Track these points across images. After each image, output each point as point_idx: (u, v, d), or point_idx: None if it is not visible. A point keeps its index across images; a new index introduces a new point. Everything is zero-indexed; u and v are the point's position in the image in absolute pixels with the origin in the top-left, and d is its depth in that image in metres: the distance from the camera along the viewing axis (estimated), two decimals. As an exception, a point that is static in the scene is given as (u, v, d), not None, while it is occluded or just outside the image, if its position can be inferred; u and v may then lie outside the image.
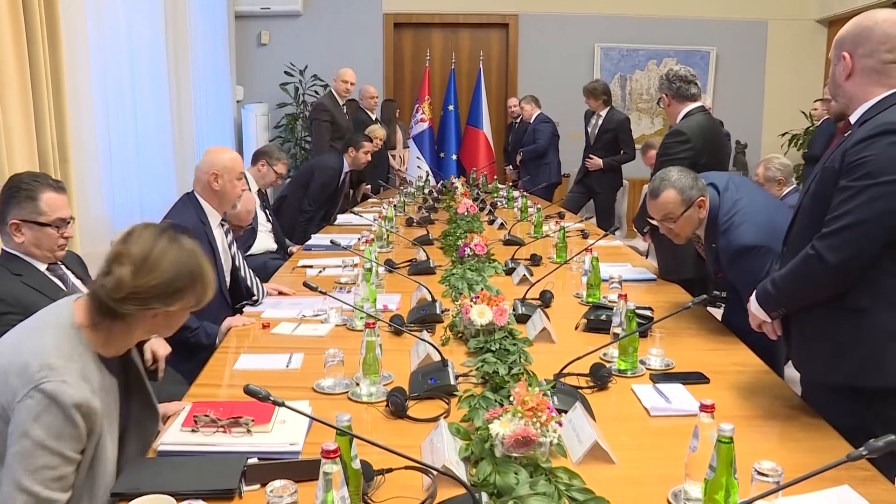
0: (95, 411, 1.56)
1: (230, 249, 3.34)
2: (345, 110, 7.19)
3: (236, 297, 3.38)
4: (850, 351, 1.96)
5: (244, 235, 4.53)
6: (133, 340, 1.77)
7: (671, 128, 3.75)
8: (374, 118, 7.68)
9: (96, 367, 1.65)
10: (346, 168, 6.10)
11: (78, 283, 2.58)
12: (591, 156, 7.02)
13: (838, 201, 1.93)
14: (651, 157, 5.54)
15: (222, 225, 3.31)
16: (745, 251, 2.65)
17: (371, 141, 6.31)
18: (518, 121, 8.33)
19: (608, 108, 7.07)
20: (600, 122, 7.06)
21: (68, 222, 2.46)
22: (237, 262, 3.38)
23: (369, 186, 7.59)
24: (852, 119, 2.04)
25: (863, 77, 2.00)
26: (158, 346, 2.63)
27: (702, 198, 2.80)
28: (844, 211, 1.91)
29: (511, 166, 8.53)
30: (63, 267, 2.57)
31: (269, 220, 5.07)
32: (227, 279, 3.33)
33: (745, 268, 2.63)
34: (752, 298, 2.21)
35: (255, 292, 3.34)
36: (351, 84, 7.16)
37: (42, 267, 2.47)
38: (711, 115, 3.94)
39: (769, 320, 2.18)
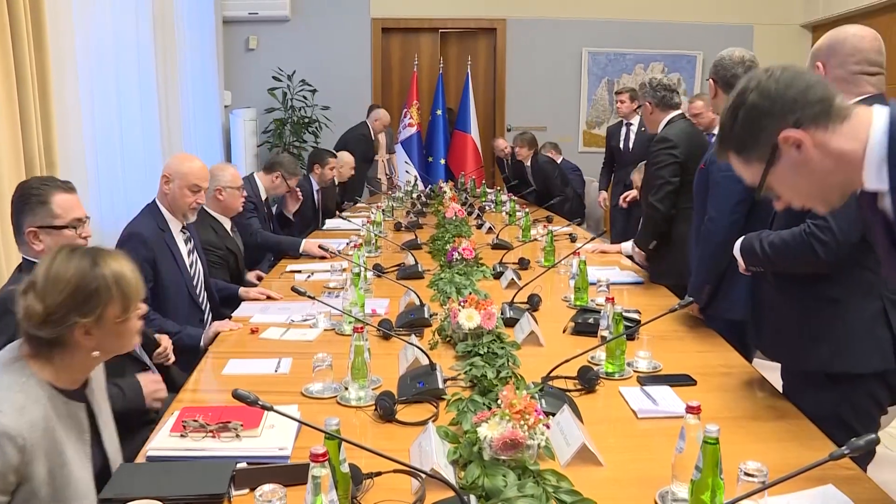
0: (27, 441, 1.54)
1: (191, 256, 3.33)
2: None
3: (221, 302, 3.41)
4: (823, 338, 2.11)
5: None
6: (87, 365, 1.74)
7: (654, 135, 3.77)
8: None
9: (47, 395, 1.64)
10: (315, 186, 6.02)
11: None
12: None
13: None
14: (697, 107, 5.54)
15: (183, 232, 3.30)
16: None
17: (335, 157, 6.28)
18: (509, 160, 8.30)
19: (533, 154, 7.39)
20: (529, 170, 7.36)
21: (84, 221, 2.41)
22: (205, 269, 3.40)
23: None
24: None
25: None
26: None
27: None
28: None
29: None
30: None
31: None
32: (199, 284, 3.33)
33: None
34: (737, 245, 2.38)
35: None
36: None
37: None
38: (692, 122, 3.98)
39: (744, 269, 2.36)
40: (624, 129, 6.81)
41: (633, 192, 5.35)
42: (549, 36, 9.00)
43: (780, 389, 2.31)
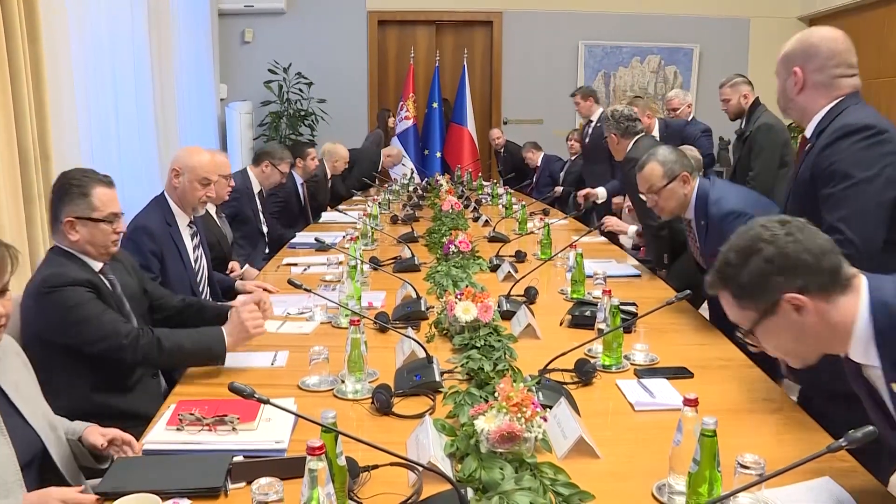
0: None
1: (196, 251, 3.33)
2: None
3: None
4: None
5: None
6: None
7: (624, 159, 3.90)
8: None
9: None
10: (299, 180, 5.90)
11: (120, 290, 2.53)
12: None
13: (827, 209, 2.04)
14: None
15: (190, 227, 3.30)
16: (731, 215, 2.75)
17: (313, 146, 6.20)
18: (503, 152, 8.33)
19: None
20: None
21: (119, 216, 2.43)
22: (209, 263, 3.40)
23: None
24: (808, 131, 2.22)
25: (814, 90, 2.21)
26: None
27: (685, 173, 2.95)
28: (838, 217, 2.02)
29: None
30: (111, 273, 2.51)
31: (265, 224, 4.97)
32: (203, 280, 3.33)
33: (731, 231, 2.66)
34: None
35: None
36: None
37: (96, 267, 2.42)
38: (653, 137, 4.13)
39: None
40: (589, 129, 6.79)
41: (586, 191, 5.57)
42: (546, 28, 8.98)
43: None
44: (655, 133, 5.74)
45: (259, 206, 4.93)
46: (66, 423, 1.97)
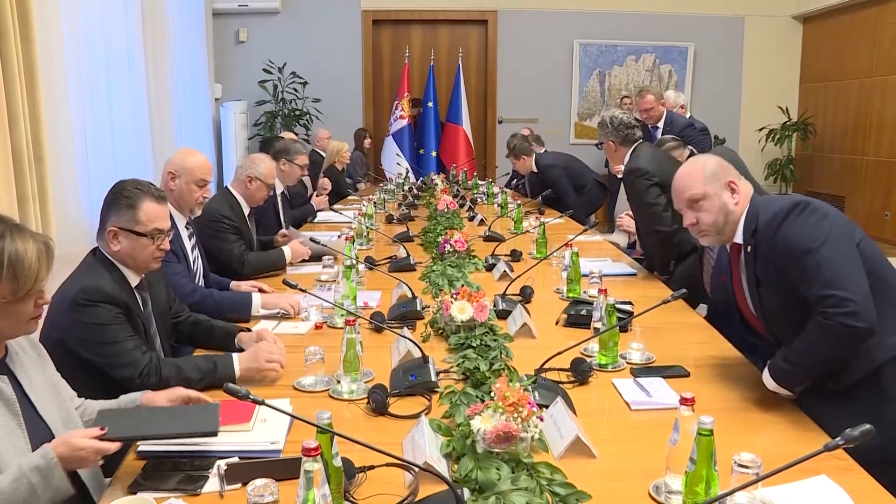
0: None
1: (193, 252, 3.32)
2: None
3: None
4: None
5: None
6: None
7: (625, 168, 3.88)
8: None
9: None
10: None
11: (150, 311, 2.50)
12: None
13: (807, 285, 2.02)
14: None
15: (187, 227, 3.29)
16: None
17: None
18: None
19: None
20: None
21: (164, 233, 2.40)
22: (205, 264, 3.40)
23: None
24: (739, 237, 2.23)
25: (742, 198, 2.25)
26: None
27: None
28: (822, 284, 1.99)
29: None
30: (146, 289, 2.49)
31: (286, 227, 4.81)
32: (200, 278, 3.33)
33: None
34: (768, 378, 2.15)
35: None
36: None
37: (133, 281, 2.39)
38: (649, 145, 4.11)
39: (793, 394, 2.13)
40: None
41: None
42: (541, 27, 8.98)
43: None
44: (660, 123, 5.75)
45: (280, 208, 4.87)
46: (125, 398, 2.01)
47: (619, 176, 4.13)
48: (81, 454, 1.59)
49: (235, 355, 2.35)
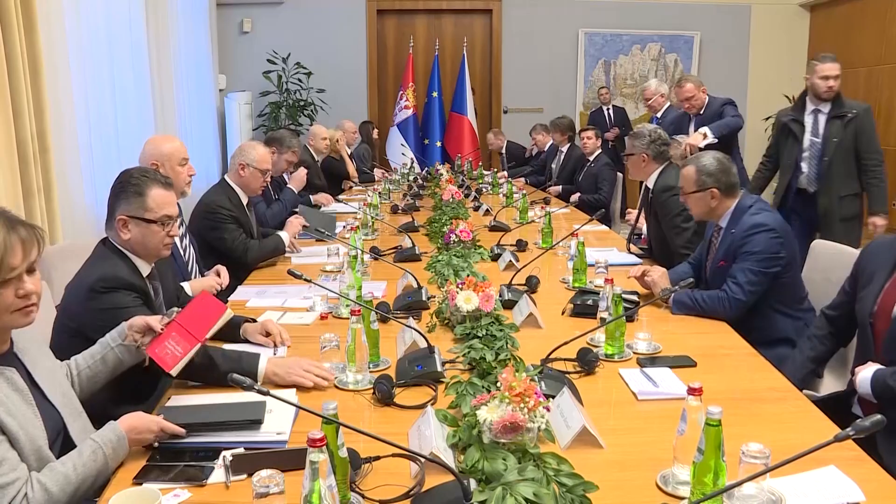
0: None
1: (184, 240, 3.35)
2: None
3: None
4: None
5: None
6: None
7: (657, 184, 3.89)
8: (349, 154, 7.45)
9: None
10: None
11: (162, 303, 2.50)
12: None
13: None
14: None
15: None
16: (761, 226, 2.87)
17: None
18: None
19: (570, 144, 7.16)
20: (561, 157, 7.19)
21: (174, 219, 2.40)
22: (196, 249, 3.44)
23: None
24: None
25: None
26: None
27: (714, 189, 3.02)
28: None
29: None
30: (157, 279, 2.49)
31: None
32: (192, 262, 3.34)
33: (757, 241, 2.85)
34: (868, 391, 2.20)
35: None
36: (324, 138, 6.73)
37: (144, 271, 2.39)
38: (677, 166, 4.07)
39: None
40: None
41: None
42: (546, 17, 8.94)
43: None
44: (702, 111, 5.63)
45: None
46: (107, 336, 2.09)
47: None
48: (146, 435, 1.76)
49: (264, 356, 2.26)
